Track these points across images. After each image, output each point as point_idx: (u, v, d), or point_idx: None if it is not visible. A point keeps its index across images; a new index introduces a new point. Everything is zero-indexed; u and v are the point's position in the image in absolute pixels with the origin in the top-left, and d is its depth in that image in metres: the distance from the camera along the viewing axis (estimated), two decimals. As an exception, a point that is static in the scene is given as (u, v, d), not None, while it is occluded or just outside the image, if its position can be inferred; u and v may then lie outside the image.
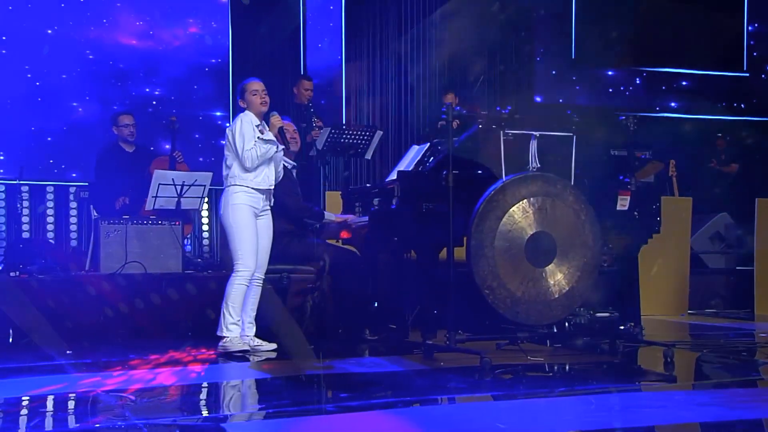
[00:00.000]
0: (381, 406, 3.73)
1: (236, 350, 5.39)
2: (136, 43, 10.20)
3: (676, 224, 8.30)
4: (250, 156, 5.46)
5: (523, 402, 3.95)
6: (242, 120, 5.56)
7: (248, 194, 5.52)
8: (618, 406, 3.81)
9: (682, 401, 3.94)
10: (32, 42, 9.74)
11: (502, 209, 5.30)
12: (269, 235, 5.67)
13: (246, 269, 5.48)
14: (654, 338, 6.21)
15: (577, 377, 4.77)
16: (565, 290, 5.43)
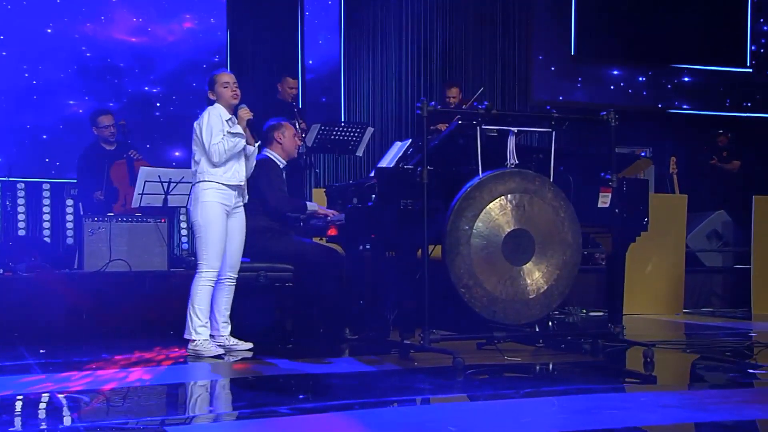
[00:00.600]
0: (337, 407, 3.66)
1: (209, 355, 5.26)
2: (132, 40, 10.18)
3: (672, 222, 8.19)
4: (218, 150, 5.32)
5: (484, 404, 3.86)
6: (210, 113, 5.43)
7: (219, 191, 5.39)
8: (579, 407, 3.71)
9: (646, 403, 3.83)
10: (28, 39, 9.73)
11: (479, 206, 5.20)
12: (242, 233, 5.57)
13: (210, 270, 5.36)
14: (644, 338, 6.09)
15: (549, 378, 4.69)
16: (543, 289, 5.32)
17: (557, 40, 11.00)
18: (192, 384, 4.50)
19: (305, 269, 5.87)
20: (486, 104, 5.23)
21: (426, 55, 10.76)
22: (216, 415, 3.58)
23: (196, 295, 5.35)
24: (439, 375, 4.58)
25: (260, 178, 5.82)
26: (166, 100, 10.20)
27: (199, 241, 5.41)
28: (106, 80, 10.02)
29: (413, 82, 10.78)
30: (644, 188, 6.57)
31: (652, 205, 8.12)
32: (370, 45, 10.73)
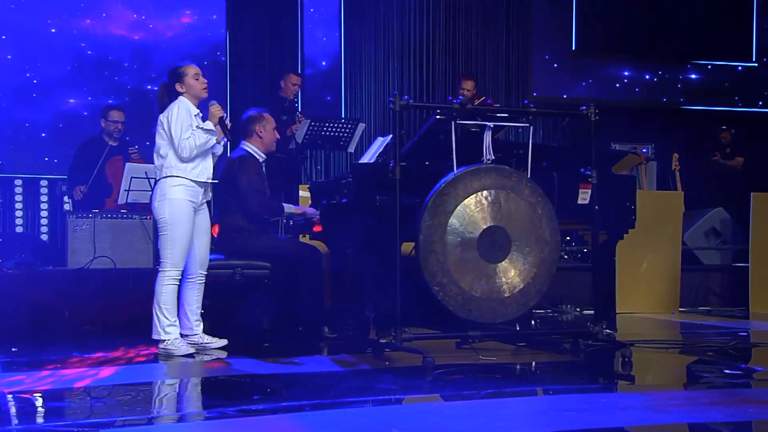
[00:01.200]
0: (288, 409, 3.57)
1: (180, 354, 5.18)
2: (131, 35, 10.16)
3: (668, 219, 8.05)
4: (188, 145, 5.20)
5: (440, 404, 3.77)
6: (179, 107, 5.29)
7: (188, 188, 5.26)
8: (535, 409, 3.62)
9: (606, 404, 3.73)
10: (27, 36, 9.73)
11: (453, 203, 5.10)
12: (208, 230, 5.47)
13: (174, 269, 5.25)
14: (635, 337, 5.99)
15: (516, 379, 4.58)
16: (520, 287, 5.22)
17: (558, 36, 10.87)
18: (146, 384, 4.41)
19: (282, 267, 5.79)
20: (461, 99, 5.13)
21: (427, 50, 10.68)
22: (154, 417, 3.48)
23: (161, 295, 5.24)
24: (406, 375, 4.49)
25: (240, 178, 5.72)
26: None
27: (164, 239, 5.28)
28: (105, 76, 10.01)
29: (415, 76, 10.70)
30: (632, 185, 6.47)
31: (647, 203, 8.08)
32: (371, 39, 10.66)
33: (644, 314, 7.77)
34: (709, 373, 4.69)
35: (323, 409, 3.57)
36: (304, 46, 10.55)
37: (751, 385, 4.30)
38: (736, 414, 3.47)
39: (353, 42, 10.59)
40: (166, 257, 5.27)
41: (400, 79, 10.68)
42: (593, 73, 11.10)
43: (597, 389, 4.24)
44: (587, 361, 5.15)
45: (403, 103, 5.00)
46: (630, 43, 10.93)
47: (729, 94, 11.46)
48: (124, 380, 4.47)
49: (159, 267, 5.33)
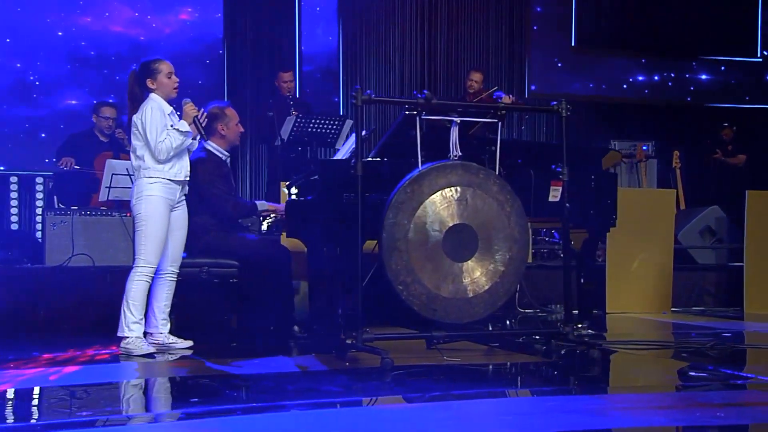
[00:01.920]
0: (220, 413, 3.47)
1: (139, 354, 5.10)
2: (130, 32, 10.13)
3: (660, 217, 7.89)
4: (165, 148, 5.16)
5: (376, 408, 3.66)
6: (151, 108, 5.24)
7: (165, 185, 5.23)
8: (475, 412, 3.50)
9: (552, 408, 3.60)
10: (25, 33, 9.73)
11: (418, 200, 4.99)
12: (184, 226, 5.44)
13: (148, 265, 5.21)
14: (622, 337, 5.88)
15: (471, 380, 4.45)
16: (487, 287, 5.10)
17: (557, 31, 10.72)
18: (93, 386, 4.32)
19: (249, 265, 5.70)
20: (426, 93, 5.01)
21: (428, 45, 10.58)
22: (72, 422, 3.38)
23: (131, 291, 5.19)
24: (361, 376, 4.39)
25: (203, 181, 5.63)
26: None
27: (138, 235, 5.26)
28: (104, 74, 9.99)
29: (414, 71, 10.61)
30: (612, 182, 6.34)
31: (639, 201, 7.94)
32: (370, 34, 10.59)
33: (635, 314, 7.61)
34: (672, 375, 4.54)
35: (254, 413, 3.47)
36: (302, 43, 10.48)
37: (712, 387, 4.16)
38: (678, 418, 3.35)
39: (352, 37, 10.51)
40: (140, 253, 5.23)
41: (401, 75, 10.58)
42: (593, 69, 10.95)
43: (552, 392, 4.11)
44: (556, 362, 5.02)
45: (365, 97, 4.89)
46: (630, 38, 10.77)
47: (732, 90, 11.26)
48: (76, 381, 4.40)
49: (133, 263, 5.28)
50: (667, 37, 10.81)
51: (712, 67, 11.25)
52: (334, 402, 3.68)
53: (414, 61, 10.60)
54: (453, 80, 10.56)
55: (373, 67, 10.57)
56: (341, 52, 10.50)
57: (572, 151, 6.68)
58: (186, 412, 3.51)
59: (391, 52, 10.55)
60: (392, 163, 5.48)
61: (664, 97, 11.15)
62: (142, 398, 4.05)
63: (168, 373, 4.72)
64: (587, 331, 6.23)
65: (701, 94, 11.22)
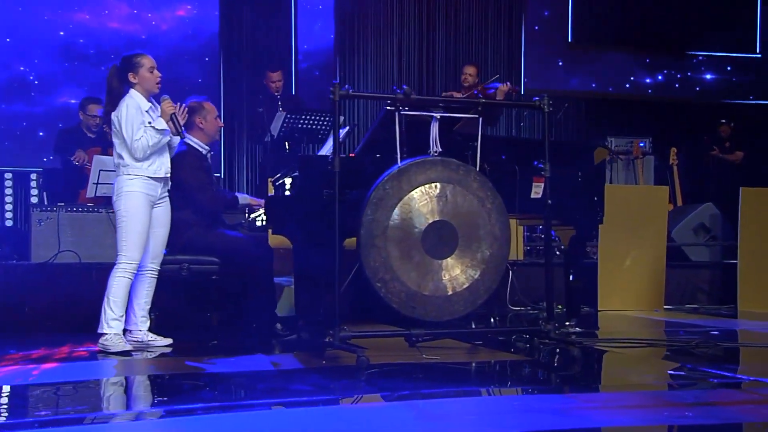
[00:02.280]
0: (179, 413, 3.43)
1: (117, 351, 5.08)
2: (125, 28, 10.13)
3: (652, 214, 7.82)
4: (141, 146, 5.14)
5: (339, 407, 3.61)
6: (128, 105, 5.21)
7: (144, 182, 5.21)
8: (436, 412, 3.45)
9: (516, 407, 3.55)
10: (22, 29, 9.73)
11: (397, 196, 4.94)
12: (166, 223, 5.41)
13: (130, 262, 5.19)
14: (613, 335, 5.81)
15: (451, 378, 4.41)
16: (467, 284, 5.05)
17: (554, 27, 10.65)
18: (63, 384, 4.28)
19: (230, 262, 5.66)
20: (404, 88, 4.96)
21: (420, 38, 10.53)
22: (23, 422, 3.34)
23: (113, 287, 5.17)
24: (333, 375, 4.35)
25: (185, 174, 5.60)
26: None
27: (120, 232, 5.24)
28: (101, 71, 9.97)
29: (412, 67, 10.57)
30: (599, 179, 6.28)
31: (632, 198, 7.88)
32: (367, 30, 10.55)
33: (626, 312, 7.55)
34: (650, 374, 4.49)
35: (216, 411, 3.43)
36: (298, 39, 10.45)
37: (686, 387, 4.10)
38: (643, 418, 3.29)
39: (349, 34, 10.48)
40: (122, 250, 5.21)
41: (398, 71, 10.54)
42: (589, 65, 10.87)
43: (521, 391, 4.06)
44: (535, 360, 4.98)
45: (342, 92, 4.85)
46: (627, 34, 10.69)
47: (731, 86, 11.17)
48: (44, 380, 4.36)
49: (116, 260, 5.25)
50: (664, 34, 10.74)
51: (710, 64, 11.17)
52: (301, 401, 3.64)
53: (411, 57, 10.55)
54: (451, 76, 10.51)
55: (370, 63, 10.54)
56: (337, 49, 10.47)
57: (559, 148, 6.66)
58: (143, 411, 3.47)
59: (388, 48, 10.52)
60: (374, 160, 5.43)
61: (662, 94, 11.07)
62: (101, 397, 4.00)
63: (138, 371, 4.69)
64: (575, 329, 6.19)
65: (699, 90, 11.13)
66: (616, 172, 9.91)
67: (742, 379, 4.22)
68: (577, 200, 6.13)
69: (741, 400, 3.62)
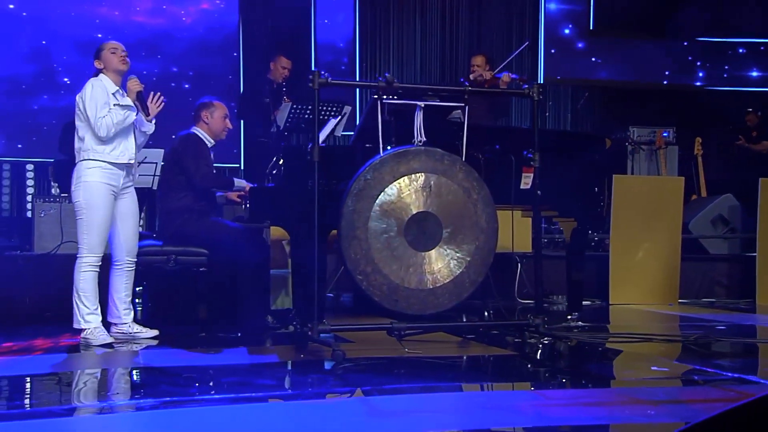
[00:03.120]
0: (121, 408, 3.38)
1: (99, 344, 5.02)
2: (149, 21, 10.14)
3: (666, 205, 7.61)
4: (105, 124, 4.97)
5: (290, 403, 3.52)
6: (93, 85, 5.09)
7: (104, 170, 5.05)
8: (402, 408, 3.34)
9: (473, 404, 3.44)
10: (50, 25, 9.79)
11: (378, 187, 4.83)
12: (135, 215, 5.28)
13: (92, 255, 5.05)
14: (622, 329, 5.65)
15: (423, 373, 4.29)
16: (452, 277, 4.93)
17: (575, 14, 10.43)
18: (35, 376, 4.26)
19: (219, 253, 5.59)
20: (387, 76, 4.85)
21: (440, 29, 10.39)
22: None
23: (80, 282, 5.06)
24: (303, 369, 4.28)
25: (185, 153, 5.57)
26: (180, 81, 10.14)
27: (80, 224, 5.09)
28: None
29: (429, 57, 10.43)
30: (600, 169, 6.11)
31: (645, 188, 7.67)
32: (387, 21, 10.43)
33: (639, 306, 7.36)
34: (634, 369, 4.33)
35: (169, 406, 3.36)
36: (318, 32, 10.37)
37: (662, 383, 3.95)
38: (603, 416, 3.15)
39: (370, 26, 10.37)
40: (83, 243, 5.08)
41: (421, 63, 10.42)
42: (611, 53, 10.63)
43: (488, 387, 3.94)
44: (520, 355, 4.85)
45: (321, 80, 4.76)
46: (650, 20, 10.42)
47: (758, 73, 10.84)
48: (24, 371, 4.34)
49: (77, 254, 5.16)
50: (687, 20, 10.44)
51: (736, 51, 10.85)
52: (256, 396, 3.55)
53: (434, 47, 10.42)
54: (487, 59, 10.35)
55: (393, 55, 10.42)
56: (358, 41, 10.37)
57: (558, 137, 6.51)
58: (75, 407, 3.41)
59: (410, 39, 10.38)
60: (363, 149, 5.33)
61: (686, 82, 10.79)
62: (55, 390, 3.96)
63: (101, 364, 4.60)
64: (577, 322, 6.05)
65: (724, 78, 10.83)
66: (638, 163, 9.69)
67: (726, 376, 4.04)
68: (577, 191, 5.98)
69: (712, 398, 3.46)
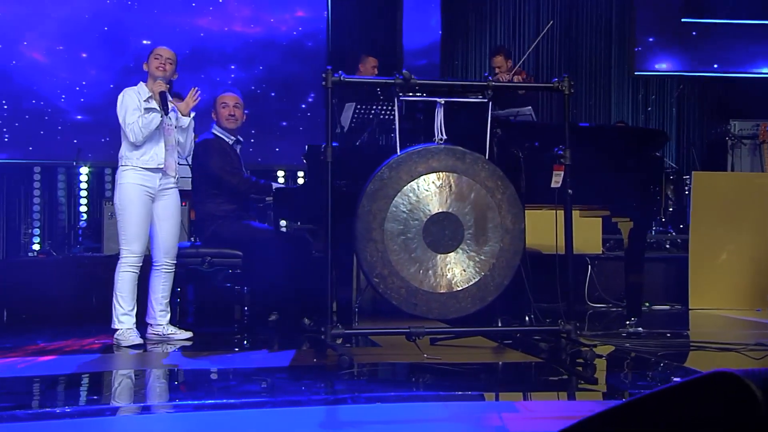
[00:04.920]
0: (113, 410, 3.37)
1: (128, 344, 5.08)
2: (246, 30, 10.31)
3: (752, 203, 7.11)
4: (133, 130, 5.10)
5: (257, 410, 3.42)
6: (125, 92, 5.23)
7: (137, 172, 5.17)
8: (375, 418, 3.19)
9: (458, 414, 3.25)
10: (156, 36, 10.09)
11: (395, 188, 4.68)
12: (174, 216, 5.33)
13: (131, 255, 5.15)
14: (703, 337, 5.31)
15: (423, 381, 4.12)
16: (475, 280, 4.73)
17: (666, 5, 9.92)
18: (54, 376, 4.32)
19: (253, 255, 5.57)
20: (404, 72, 4.70)
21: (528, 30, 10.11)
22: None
23: (118, 282, 5.16)
24: (300, 375, 4.17)
25: (208, 160, 5.60)
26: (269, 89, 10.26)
27: (119, 225, 5.22)
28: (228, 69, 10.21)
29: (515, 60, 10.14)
30: (658, 167, 5.77)
31: (728, 186, 7.20)
32: (475, 25, 10.23)
33: (722, 311, 6.90)
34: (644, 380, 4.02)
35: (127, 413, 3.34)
36: (403, 36, 10.28)
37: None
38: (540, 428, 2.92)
39: (455, 28, 10.18)
40: (121, 243, 5.21)
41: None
42: (708, 43, 10.04)
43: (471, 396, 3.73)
44: (541, 363, 4.61)
45: (334, 79, 4.64)
46: (751, 6, 9.78)
47: None
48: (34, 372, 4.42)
49: (119, 254, 5.27)
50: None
51: None
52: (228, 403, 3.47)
53: (519, 48, 10.13)
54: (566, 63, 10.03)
55: (478, 57, 10.21)
56: (443, 44, 10.21)
57: (611, 133, 6.19)
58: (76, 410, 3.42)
59: (500, 42, 10.14)
60: (383, 148, 5.20)
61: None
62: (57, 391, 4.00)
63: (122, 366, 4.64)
64: (636, 328, 5.73)
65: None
66: (739, 158, 9.14)
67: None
68: (633, 190, 5.66)
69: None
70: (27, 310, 6.52)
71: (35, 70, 9.34)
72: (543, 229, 5.46)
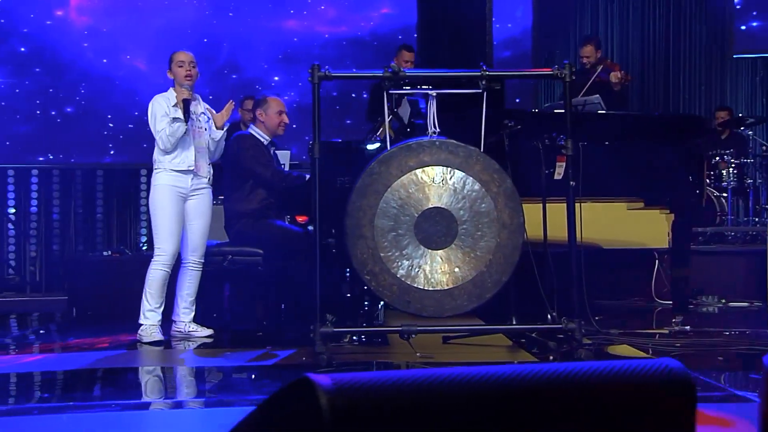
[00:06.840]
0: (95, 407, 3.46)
1: (148, 341, 5.20)
2: (332, 30, 10.43)
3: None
4: (162, 138, 5.26)
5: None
6: (155, 100, 5.37)
7: (168, 174, 5.31)
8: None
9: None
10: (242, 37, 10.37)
11: (385, 183, 4.57)
12: (204, 215, 5.43)
13: (163, 254, 5.27)
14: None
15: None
16: (471, 276, 4.56)
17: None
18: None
19: (275, 253, 5.58)
20: (393, 65, 4.59)
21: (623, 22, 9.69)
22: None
23: (148, 279, 5.31)
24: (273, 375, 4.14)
25: (242, 155, 5.63)
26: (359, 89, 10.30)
27: (153, 225, 5.40)
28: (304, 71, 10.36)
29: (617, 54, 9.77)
30: (697, 156, 5.39)
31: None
32: (567, 18, 9.91)
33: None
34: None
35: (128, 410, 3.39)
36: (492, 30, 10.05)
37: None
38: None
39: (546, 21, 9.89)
40: (156, 242, 5.38)
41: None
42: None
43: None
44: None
45: (321, 74, 4.58)
46: None
47: None
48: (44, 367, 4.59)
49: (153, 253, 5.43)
50: None
51: None
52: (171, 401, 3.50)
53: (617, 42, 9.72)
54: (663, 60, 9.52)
55: (569, 51, 9.87)
56: (534, 39, 9.92)
57: (647, 122, 5.86)
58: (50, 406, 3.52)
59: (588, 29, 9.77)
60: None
61: None
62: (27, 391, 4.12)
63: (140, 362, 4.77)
64: (681, 327, 5.38)
65: None
66: None
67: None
68: (669, 179, 5.33)
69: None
70: (94, 307, 6.73)
71: (138, 78, 9.74)
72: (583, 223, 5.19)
